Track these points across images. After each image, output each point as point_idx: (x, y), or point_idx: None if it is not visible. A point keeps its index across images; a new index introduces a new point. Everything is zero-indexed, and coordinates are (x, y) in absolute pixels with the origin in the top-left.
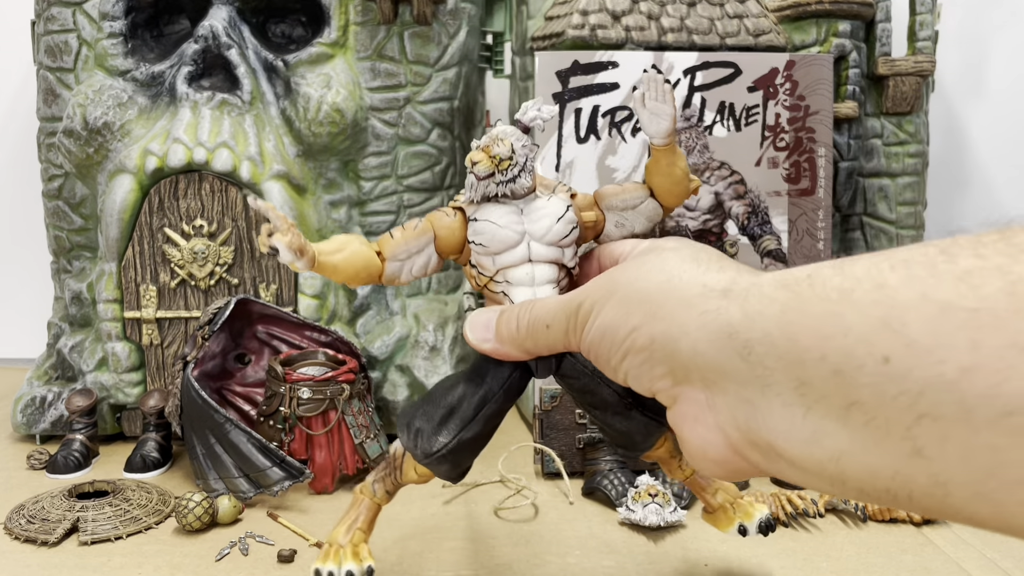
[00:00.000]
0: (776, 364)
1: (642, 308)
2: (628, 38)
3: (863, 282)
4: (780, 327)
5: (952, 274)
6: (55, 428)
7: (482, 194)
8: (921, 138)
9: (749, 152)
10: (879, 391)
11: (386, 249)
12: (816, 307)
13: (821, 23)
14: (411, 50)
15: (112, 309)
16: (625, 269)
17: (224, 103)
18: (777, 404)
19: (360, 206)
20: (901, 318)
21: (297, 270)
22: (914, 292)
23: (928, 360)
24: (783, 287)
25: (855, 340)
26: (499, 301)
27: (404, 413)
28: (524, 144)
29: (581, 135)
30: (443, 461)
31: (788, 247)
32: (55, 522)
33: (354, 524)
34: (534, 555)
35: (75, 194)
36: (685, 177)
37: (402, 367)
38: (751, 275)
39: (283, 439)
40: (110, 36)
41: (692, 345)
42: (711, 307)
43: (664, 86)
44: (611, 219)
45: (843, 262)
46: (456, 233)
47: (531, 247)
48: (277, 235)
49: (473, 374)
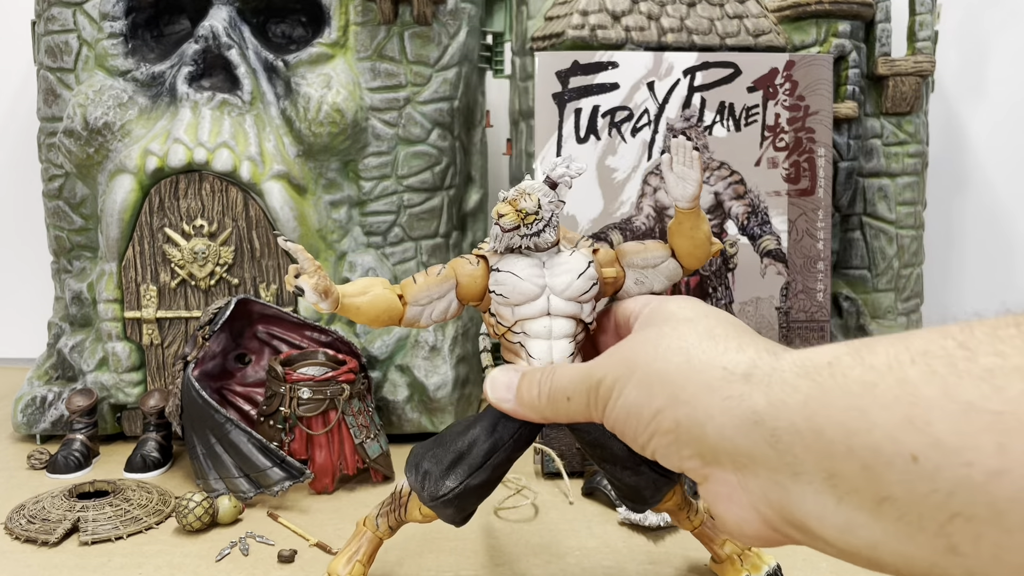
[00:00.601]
0: (804, 455)
1: (664, 390)
2: (628, 38)
3: (885, 376)
4: (805, 418)
5: (973, 373)
6: (55, 428)
7: (506, 245)
8: (921, 138)
9: (749, 152)
10: (910, 488)
11: (408, 294)
12: (840, 400)
13: (821, 23)
14: (411, 50)
15: (112, 309)
16: (643, 345)
17: (224, 103)
18: (809, 491)
19: (360, 206)
20: (925, 416)
21: (321, 311)
22: (936, 390)
23: (956, 461)
24: (805, 375)
25: (881, 436)
26: (516, 352)
27: (414, 454)
28: (551, 200)
29: (581, 135)
30: (448, 505)
31: (788, 247)
32: (55, 522)
33: (354, 556)
34: (534, 555)
35: (75, 194)
36: (707, 240)
37: (402, 367)
38: (770, 355)
39: (283, 439)
40: (110, 36)
41: (719, 431)
42: (734, 392)
43: (692, 153)
44: (631, 276)
45: (861, 348)
46: (478, 281)
47: (551, 301)
48: (304, 277)
49: (485, 421)
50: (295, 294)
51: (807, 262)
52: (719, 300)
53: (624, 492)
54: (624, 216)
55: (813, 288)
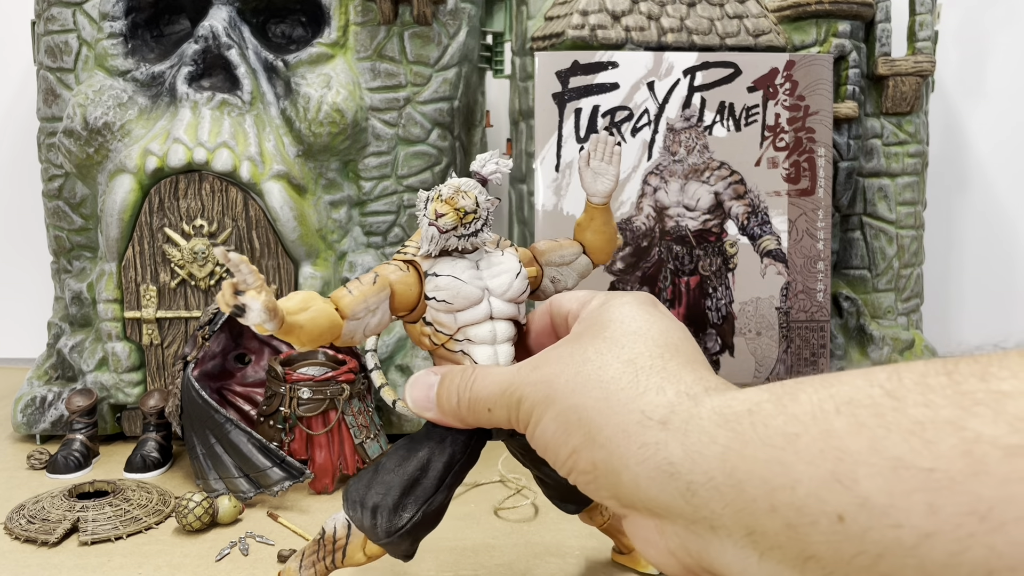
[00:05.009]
0: (723, 510)
1: (581, 429)
2: (628, 38)
3: (809, 428)
4: (724, 472)
5: (902, 425)
6: (55, 428)
7: (441, 247)
8: (921, 138)
9: (749, 152)
10: (836, 549)
11: (345, 306)
12: (760, 453)
13: (821, 23)
14: (411, 50)
15: (112, 309)
16: (565, 368)
17: (224, 103)
18: (729, 544)
19: (360, 206)
20: (852, 473)
21: (264, 332)
22: (863, 443)
23: (884, 522)
24: (724, 424)
25: (805, 494)
26: (457, 361)
27: (352, 491)
28: (488, 198)
29: (581, 135)
30: (405, 538)
31: (788, 247)
32: (55, 522)
33: None
34: (534, 555)
35: (75, 194)
36: (615, 235)
37: (402, 367)
38: (690, 400)
39: (283, 439)
40: (110, 36)
41: (633, 480)
42: (650, 440)
43: (614, 148)
44: (548, 274)
45: (783, 395)
46: (413, 289)
47: (492, 304)
48: (251, 293)
49: (431, 439)
50: (233, 314)
51: (807, 262)
52: (719, 300)
53: (555, 491)
54: (624, 216)
55: (813, 288)
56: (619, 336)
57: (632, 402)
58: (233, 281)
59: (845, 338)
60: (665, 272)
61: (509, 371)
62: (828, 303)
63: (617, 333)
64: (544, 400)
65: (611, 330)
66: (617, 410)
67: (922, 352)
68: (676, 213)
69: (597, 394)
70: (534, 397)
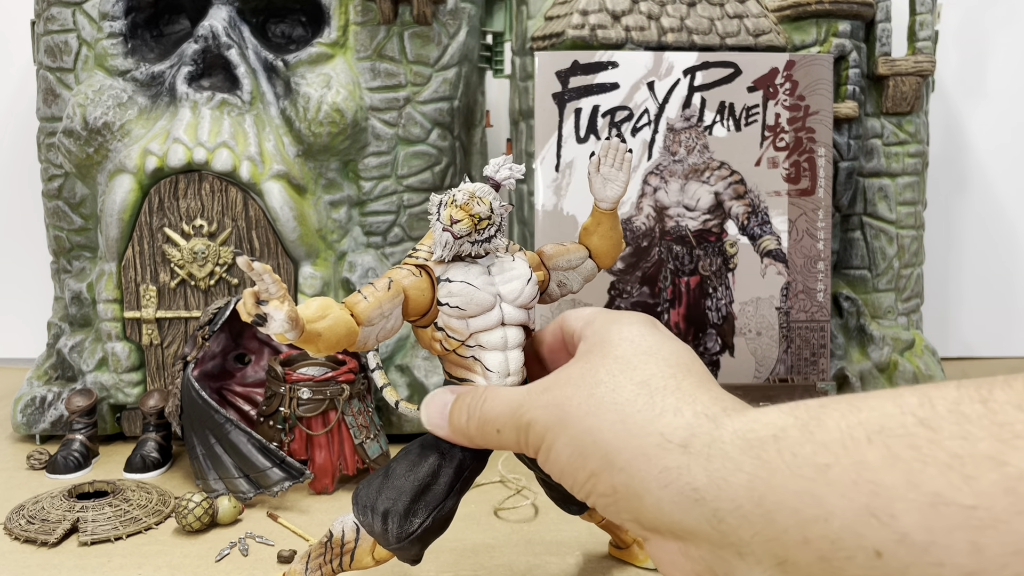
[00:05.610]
0: (752, 538)
1: (598, 452)
2: (628, 38)
3: (840, 458)
4: (752, 501)
5: (939, 459)
6: (55, 428)
7: (455, 253)
8: (921, 138)
9: (749, 152)
10: None
11: (361, 313)
12: (790, 483)
13: (821, 23)
14: (411, 50)
15: (112, 309)
16: (576, 391)
17: (224, 103)
18: (757, 571)
19: (360, 206)
20: (888, 508)
21: (284, 341)
22: (899, 477)
23: (925, 559)
24: (748, 450)
25: (840, 527)
26: (469, 367)
27: (363, 496)
28: (501, 203)
29: (581, 135)
30: (416, 543)
31: (788, 247)
32: (55, 522)
33: None
34: (534, 555)
35: (75, 194)
36: (621, 240)
37: (402, 367)
38: (709, 421)
39: (283, 439)
40: (110, 36)
41: (656, 504)
42: (671, 464)
43: (625, 155)
44: (555, 278)
45: (809, 421)
46: (426, 294)
47: (503, 310)
48: (274, 303)
49: (439, 445)
50: (255, 323)
51: (807, 262)
52: (719, 300)
53: (558, 494)
54: (624, 216)
55: (813, 288)
56: (630, 356)
57: (649, 424)
58: (255, 290)
59: (845, 338)
60: (665, 272)
61: (519, 392)
62: (828, 303)
63: (628, 353)
64: (557, 424)
65: (620, 350)
66: (635, 432)
67: (922, 352)
68: (676, 213)
69: (612, 417)
70: (545, 420)
